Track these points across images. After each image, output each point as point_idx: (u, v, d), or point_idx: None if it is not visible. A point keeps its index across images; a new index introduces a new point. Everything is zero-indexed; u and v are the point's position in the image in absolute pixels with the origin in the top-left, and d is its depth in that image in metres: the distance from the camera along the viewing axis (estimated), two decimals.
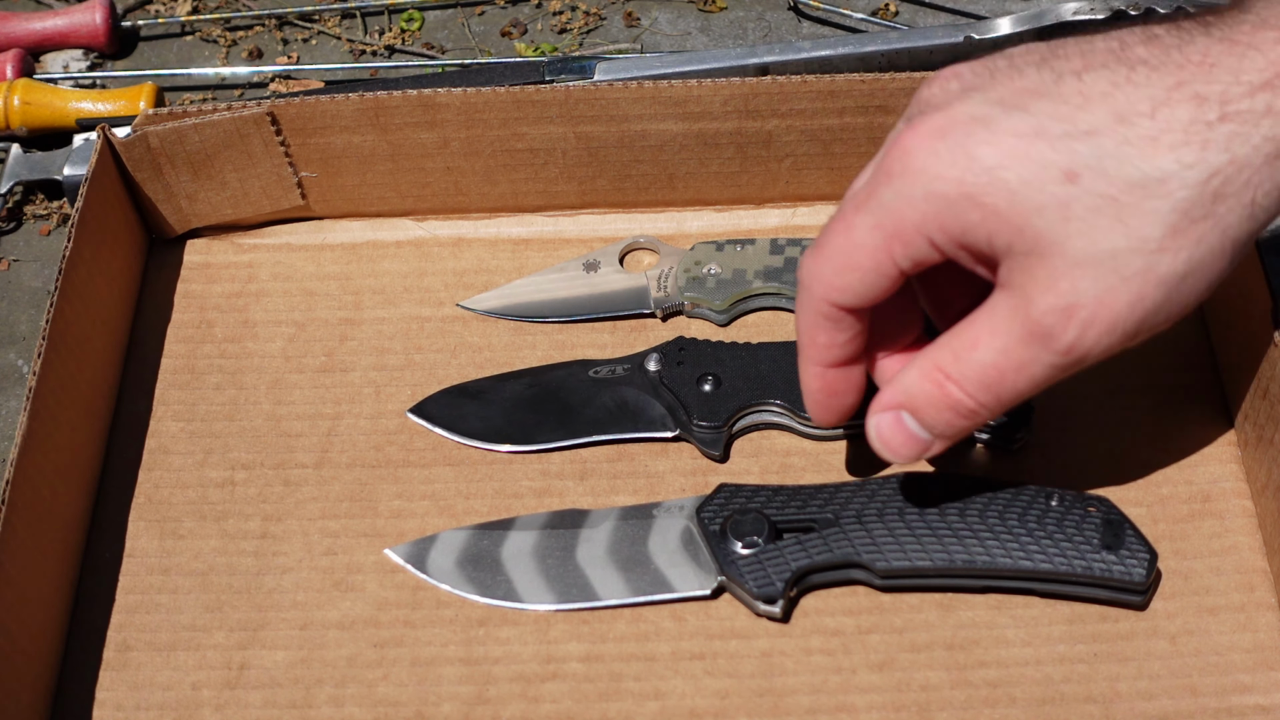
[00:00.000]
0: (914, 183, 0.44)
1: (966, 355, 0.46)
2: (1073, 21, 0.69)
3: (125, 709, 0.53)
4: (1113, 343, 0.44)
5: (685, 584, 0.54)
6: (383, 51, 0.79)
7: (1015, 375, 0.45)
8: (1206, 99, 0.41)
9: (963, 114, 0.44)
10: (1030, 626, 0.53)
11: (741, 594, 0.54)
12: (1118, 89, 0.42)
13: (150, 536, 0.58)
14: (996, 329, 0.45)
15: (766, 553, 0.53)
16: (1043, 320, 0.44)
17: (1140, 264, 0.43)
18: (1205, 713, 0.51)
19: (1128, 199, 0.42)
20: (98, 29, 0.78)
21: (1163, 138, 0.42)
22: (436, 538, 0.57)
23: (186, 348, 0.64)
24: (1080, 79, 0.43)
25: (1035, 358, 0.45)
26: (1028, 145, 0.42)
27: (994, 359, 0.45)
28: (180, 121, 0.62)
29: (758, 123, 0.62)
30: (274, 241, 0.67)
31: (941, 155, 0.43)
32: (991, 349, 0.45)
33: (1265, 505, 0.55)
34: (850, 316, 0.48)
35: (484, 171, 0.65)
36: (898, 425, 0.49)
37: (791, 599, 0.54)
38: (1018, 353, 0.45)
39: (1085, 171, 0.42)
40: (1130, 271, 0.43)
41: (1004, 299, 0.45)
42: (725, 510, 0.54)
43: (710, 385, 0.59)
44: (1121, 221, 0.42)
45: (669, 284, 0.63)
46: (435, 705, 0.53)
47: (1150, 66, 0.42)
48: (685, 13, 0.80)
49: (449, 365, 0.62)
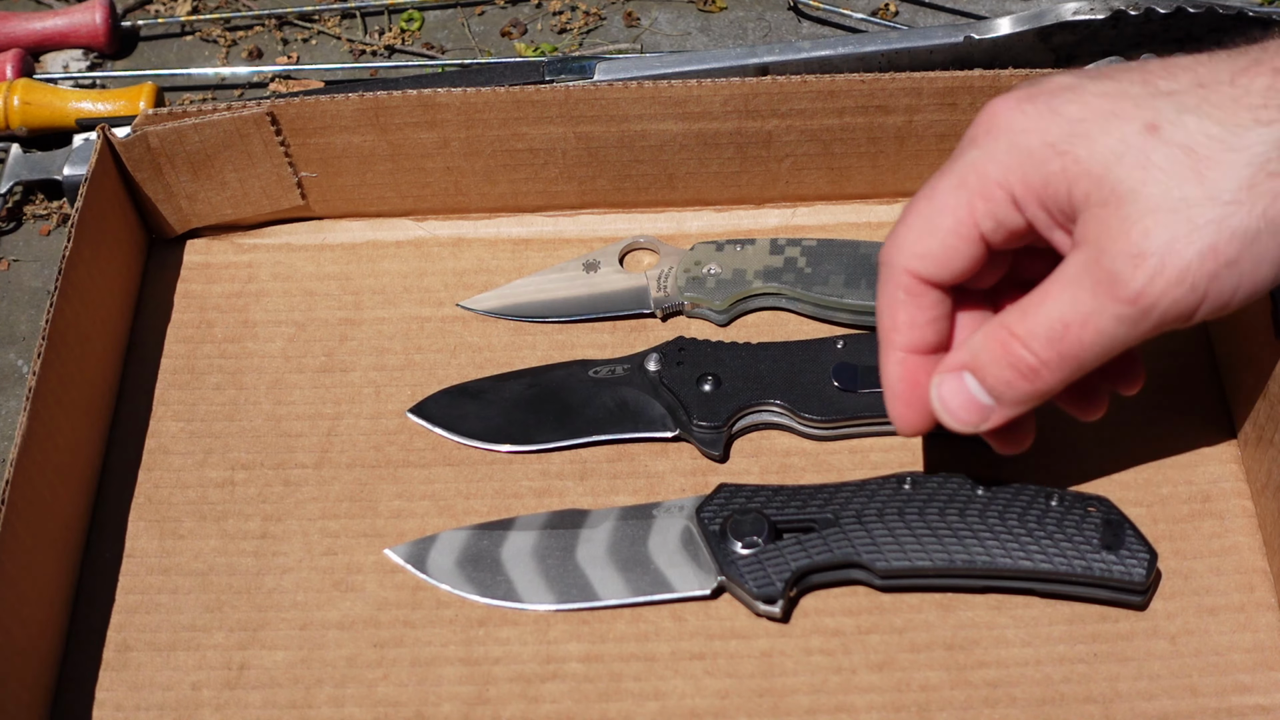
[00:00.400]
0: (999, 139, 0.45)
1: (1034, 310, 0.46)
2: (1073, 21, 0.69)
3: (125, 709, 0.53)
4: (1182, 295, 0.44)
5: (685, 584, 0.54)
6: (383, 51, 0.79)
7: (1081, 329, 0.45)
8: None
9: (1051, 84, 0.46)
10: (1030, 626, 0.53)
11: (741, 594, 0.54)
12: (1199, 64, 0.45)
13: (150, 536, 0.58)
14: (1067, 282, 0.45)
15: (766, 553, 0.53)
16: (1112, 267, 0.44)
17: (1214, 214, 0.43)
18: (1205, 713, 0.51)
19: (1205, 151, 0.43)
20: (98, 29, 0.78)
21: (1242, 99, 0.43)
22: (436, 538, 0.57)
23: (186, 348, 0.64)
24: (1164, 64, 0.45)
25: (1102, 308, 0.44)
26: (1112, 103, 0.44)
27: (1061, 312, 0.45)
28: (180, 121, 0.62)
29: (758, 123, 0.62)
30: (274, 241, 0.67)
31: (1028, 113, 0.45)
32: (1060, 302, 0.45)
33: (1265, 505, 0.55)
34: (934, 291, 0.48)
35: (484, 171, 0.65)
36: (959, 388, 0.48)
37: (791, 599, 0.54)
38: (1085, 303, 0.45)
39: (1165, 125, 0.43)
40: (1203, 220, 0.43)
41: (1077, 255, 0.45)
42: (725, 510, 0.54)
43: (710, 385, 0.59)
44: (1197, 172, 0.43)
45: (669, 284, 0.63)
46: (435, 705, 0.53)
47: (1228, 53, 0.45)
48: (685, 13, 0.80)
49: (449, 365, 0.62)
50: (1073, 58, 0.70)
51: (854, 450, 0.58)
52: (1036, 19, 0.69)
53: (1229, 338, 0.58)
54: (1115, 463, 0.57)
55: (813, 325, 0.63)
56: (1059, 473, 0.57)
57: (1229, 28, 0.68)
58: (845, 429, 0.58)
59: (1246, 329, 0.56)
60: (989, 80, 0.61)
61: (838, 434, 0.58)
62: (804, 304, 0.62)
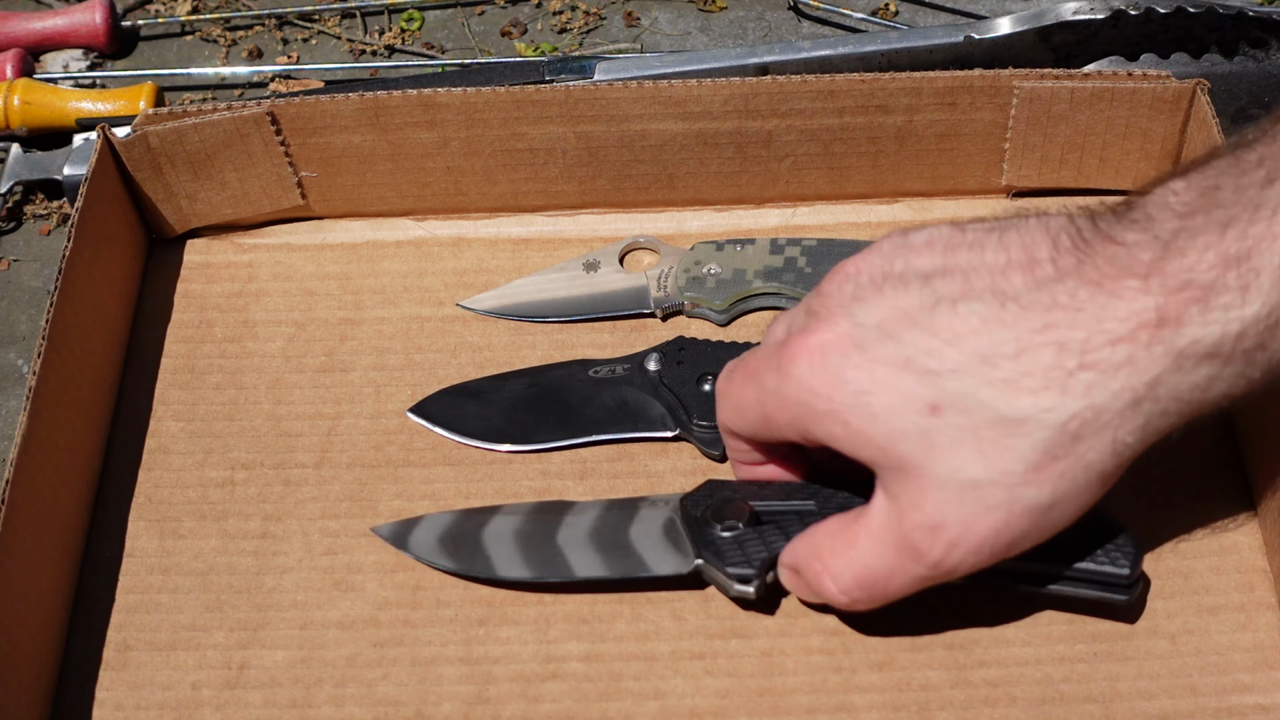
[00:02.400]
0: (792, 387, 0.47)
1: (844, 552, 0.48)
2: (1073, 21, 0.69)
3: (125, 709, 0.53)
4: (981, 561, 0.46)
5: (662, 565, 0.54)
6: (383, 51, 0.79)
7: (887, 580, 0.48)
8: (1067, 346, 0.43)
9: (842, 333, 0.46)
10: (1030, 626, 0.53)
11: (718, 576, 0.53)
12: (986, 327, 0.44)
13: (150, 536, 0.58)
14: (873, 533, 0.47)
15: (745, 536, 0.53)
16: (911, 535, 0.46)
17: (1003, 495, 0.44)
18: (1205, 712, 0.51)
19: (988, 434, 0.44)
20: (98, 29, 0.78)
21: (1023, 381, 0.43)
22: (422, 518, 0.57)
23: (186, 348, 0.64)
24: (954, 309, 0.44)
25: (905, 568, 0.47)
26: (895, 375, 0.44)
27: (869, 563, 0.48)
28: (180, 121, 0.62)
29: (758, 123, 0.62)
30: (274, 241, 0.67)
31: (817, 372, 0.46)
32: (868, 554, 0.48)
33: (1265, 505, 0.55)
34: (742, 440, 0.53)
35: (484, 171, 0.65)
36: (795, 580, 0.51)
37: (769, 584, 0.53)
38: (889, 560, 0.47)
39: (948, 407, 0.44)
40: (994, 501, 0.44)
41: (881, 507, 0.47)
42: (709, 500, 0.54)
43: (710, 385, 0.59)
44: (983, 455, 0.44)
45: (669, 284, 0.63)
46: (435, 705, 0.53)
47: (1021, 305, 0.43)
48: (685, 13, 0.80)
49: (449, 365, 0.62)
50: (1072, 57, 0.70)
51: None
52: (1036, 19, 0.69)
53: None
54: None
55: None
56: None
57: (1229, 28, 0.68)
58: None
59: None
60: (989, 80, 0.61)
61: None
62: None
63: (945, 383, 0.44)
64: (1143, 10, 0.68)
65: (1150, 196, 0.43)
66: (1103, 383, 0.42)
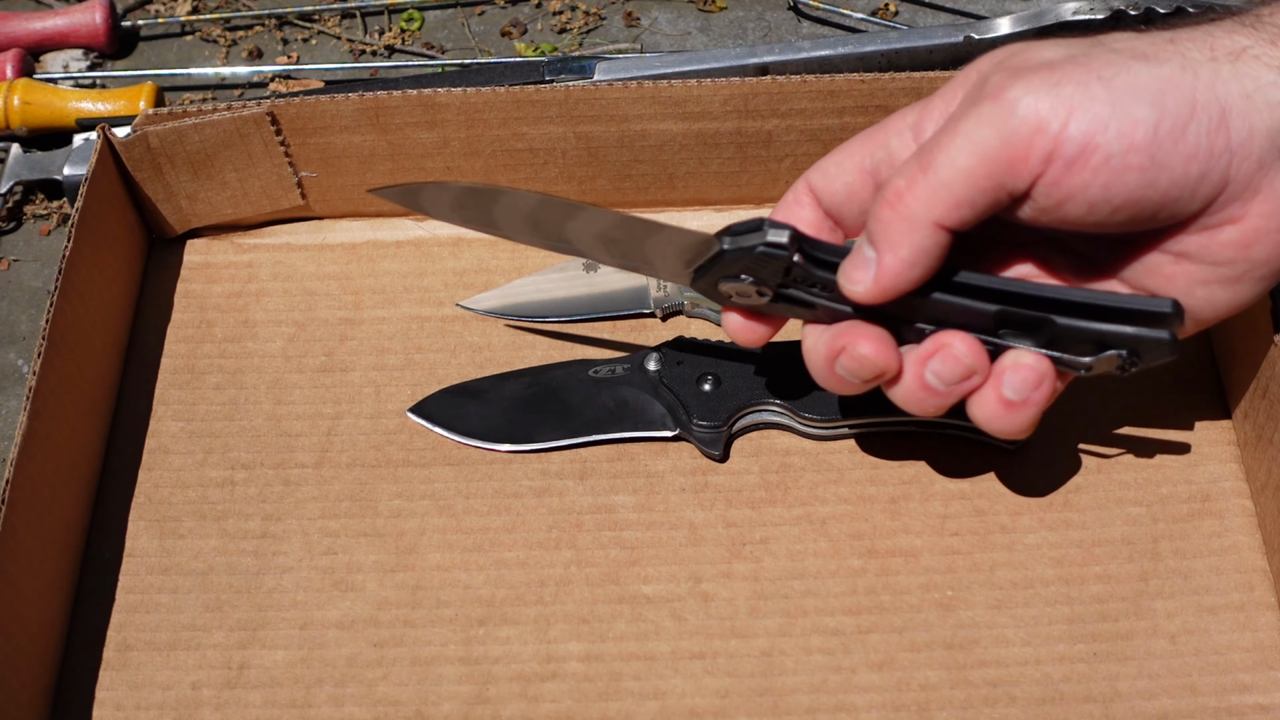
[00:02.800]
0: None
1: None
2: (1073, 21, 0.69)
3: (125, 709, 0.53)
4: (1048, 107, 0.44)
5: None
6: (383, 51, 0.79)
7: (947, 141, 0.45)
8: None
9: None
10: (1030, 626, 0.53)
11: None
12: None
13: (150, 536, 0.58)
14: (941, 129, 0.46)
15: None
16: (983, 88, 0.45)
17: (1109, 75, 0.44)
18: (1205, 712, 0.51)
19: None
20: (98, 29, 0.78)
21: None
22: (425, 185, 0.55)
23: (186, 348, 0.64)
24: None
25: (964, 112, 0.45)
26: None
27: (931, 142, 0.46)
28: (180, 121, 0.62)
29: (758, 123, 0.62)
30: (274, 241, 0.67)
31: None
32: (933, 139, 0.46)
33: (1265, 505, 0.55)
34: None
35: (484, 171, 0.65)
36: (855, 255, 0.48)
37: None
38: (953, 122, 0.45)
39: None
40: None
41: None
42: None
43: (710, 385, 0.59)
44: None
45: (669, 284, 0.63)
46: (435, 705, 0.53)
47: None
48: (685, 13, 0.80)
49: (449, 365, 0.62)
50: None
51: (854, 450, 0.59)
52: (1036, 19, 0.69)
53: (1229, 338, 0.58)
54: (1115, 462, 0.57)
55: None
56: (1058, 473, 0.57)
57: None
58: (845, 429, 0.58)
59: (1247, 329, 0.56)
60: None
61: (838, 434, 0.59)
62: None
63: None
64: (1143, 10, 0.68)
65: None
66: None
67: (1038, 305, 0.48)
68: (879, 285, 0.47)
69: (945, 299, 0.48)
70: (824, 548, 0.56)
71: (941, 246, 0.46)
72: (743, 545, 0.56)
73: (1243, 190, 0.44)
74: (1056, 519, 0.56)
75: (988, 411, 0.49)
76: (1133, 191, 0.44)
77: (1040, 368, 0.48)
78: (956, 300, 0.48)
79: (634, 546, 0.56)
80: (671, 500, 0.58)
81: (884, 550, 0.56)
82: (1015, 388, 0.48)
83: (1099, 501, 0.56)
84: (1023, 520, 0.56)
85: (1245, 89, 0.43)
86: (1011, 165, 0.44)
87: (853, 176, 0.50)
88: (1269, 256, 0.45)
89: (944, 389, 0.49)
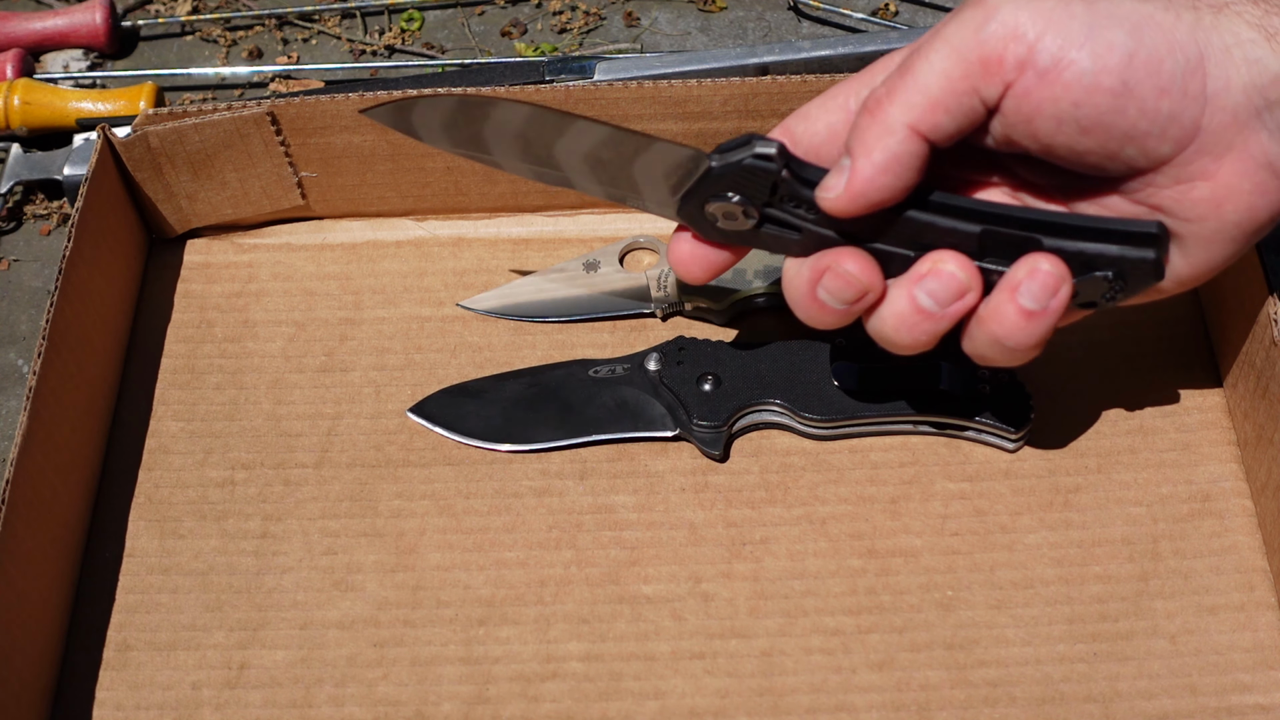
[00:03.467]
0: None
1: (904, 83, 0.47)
2: None
3: (125, 709, 0.53)
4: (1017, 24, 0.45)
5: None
6: (383, 51, 0.79)
7: (918, 58, 0.46)
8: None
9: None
10: (1030, 626, 0.53)
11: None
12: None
13: (150, 536, 0.58)
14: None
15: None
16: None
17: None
18: (1205, 712, 0.51)
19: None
20: (98, 29, 0.78)
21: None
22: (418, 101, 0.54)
23: (186, 348, 0.64)
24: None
25: (935, 32, 0.46)
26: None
27: (903, 59, 0.47)
28: (180, 121, 0.62)
29: (758, 123, 0.62)
30: (274, 241, 0.67)
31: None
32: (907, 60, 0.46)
33: (1265, 505, 0.55)
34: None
35: (484, 171, 0.65)
36: (835, 171, 0.48)
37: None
38: (924, 42, 0.46)
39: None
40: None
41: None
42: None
43: (710, 385, 0.59)
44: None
45: (669, 284, 0.63)
46: (435, 705, 0.53)
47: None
48: (685, 13, 0.80)
49: (449, 365, 0.62)
50: None
51: (854, 450, 0.59)
52: None
53: (1229, 338, 0.58)
54: (1115, 462, 0.57)
55: None
56: (1058, 472, 0.57)
57: None
58: (845, 429, 0.58)
59: (1247, 330, 0.56)
60: None
61: (838, 434, 0.59)
62: None
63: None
64: None
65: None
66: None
67: (1023, 225, 0.47)
68: (850, 191, 0.47)
69: (928, 219, 0.48)
70: (824, 548, 0.56)
71: (916, 156, 0.46)
72: (743, 545, 0.56)
73: (1215, 144, 0.44)
74: (1056, 519, 0.56)
75: (1006, 326, 0.48)
76: (1102, 114, 0.44)
77: (1058, 272, 0.47)
78: (940, 220, 0.48)
79: (634, 546, 0.56)
80: (671, 500, 0.58)
81: (884, 550, 0.56)
82: (1034, 295, 0.47)
83: (1099, 501, 0.56)
84: (1023, 520, 0.56)
85: (1225, 42, 0.44)
86: (986, 67, 0.45)
87: (836, 116, 0.50)
88: (1241, 218, 0.46)
89: (938, 310, 0.48)
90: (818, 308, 0.50)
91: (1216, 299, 0.59)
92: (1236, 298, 0.57)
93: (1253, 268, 0.55)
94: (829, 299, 0.49)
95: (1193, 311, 0.61)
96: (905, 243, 0.49)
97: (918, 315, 0.48)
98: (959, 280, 0.48)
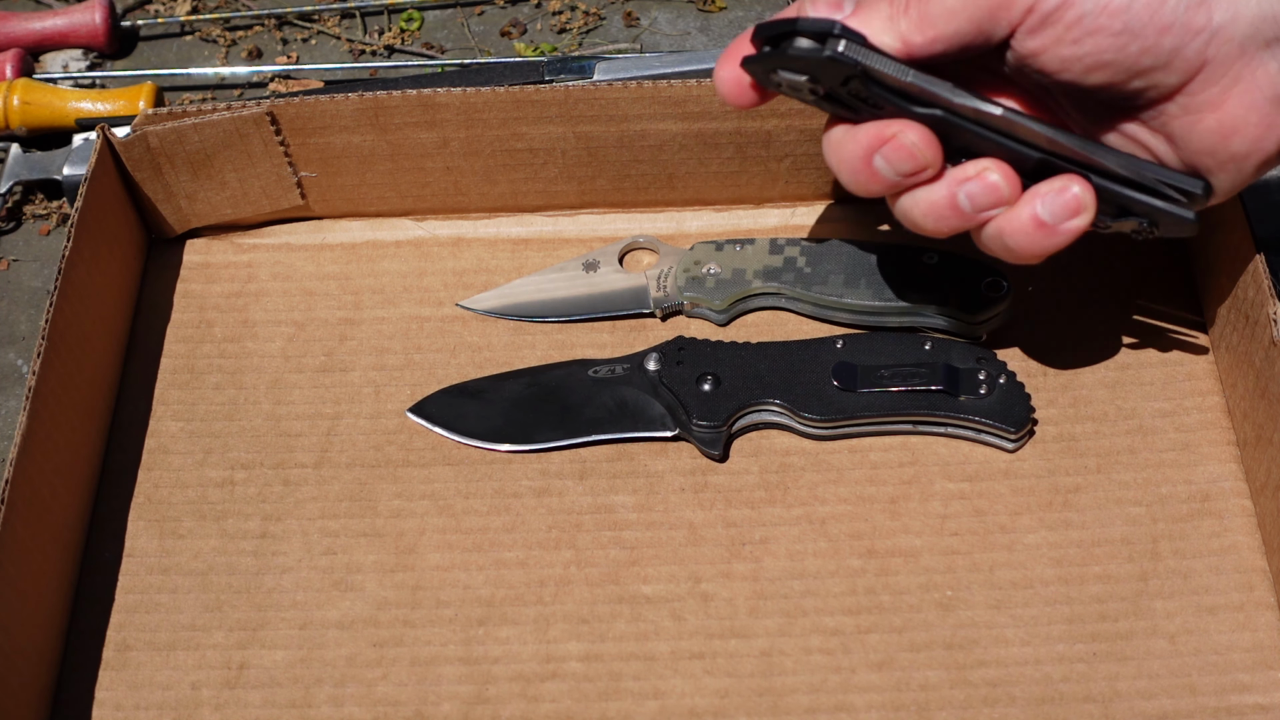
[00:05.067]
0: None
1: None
2: None
3: (125, 709, 0.53)
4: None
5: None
6: (382, 51, 0.79)
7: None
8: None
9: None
10: (1030, 626, 0.53)
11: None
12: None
13: (150, 536, 0.58)
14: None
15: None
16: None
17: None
18: (1205, 712, 0.51)
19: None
20: (97, 29, 0.78)
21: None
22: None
23: (186, 348, 0.64)
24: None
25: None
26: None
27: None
28: (180, 121, 0.62)
29: (757, 123, 0.62)
30: (274, 241, 0.67)
31: None
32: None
33: (1265, 505, 0.55)
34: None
35: (484, 171, 0.65)
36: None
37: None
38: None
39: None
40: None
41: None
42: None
43: (710, 385, 0.59)
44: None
45: (668, 284, 0.63)
46: (435, 705, 0.53)
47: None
48: (685, 13, 0.80)
49: (449, 365, 0.62)
50: None
51: (854, 450, 0.59)
52: None
53: (1229, 338, 0.58)
54: (1115, 461, 0.57)
55: (812, 325, 0.63)
56: (1058, 472, 0.57)
57: None
58: (845, 428, 0.58)
59: (1247, 330, 0.56)
60: None
61: (837, 433, 0.59)
62: (803, 304, 0.62)
63: None
64: None
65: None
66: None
67: (1081, 164, 0.49)
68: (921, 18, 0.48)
69: (992, 137, 0.49)
70: (824, 548, 0.56)
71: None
72: (742, 545, 0.56)
73: (1223, 74, 0.45)
74: (1056, 519, 0.56)
75: (1014, 225, 0.49)
76: (1104, 53, 0.45)
77: (1085, 199, 0.48)
78: (1003, 141, 0.49)
79: (634, 546, 0.56)
80: (671, 500, 0.58)
81: (884, 550, 0.56)
82: (1054, 211, 0.48)
83: (1099, 501, 0.56)
84: (1022, 520, 0.56)
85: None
86: (993, 12, 0.46)
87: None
88: (1248, 150, 0.47)
89: (971, 212, 0.49)
90: (868, 175, 0.50)
91: (1217, 298, 0.59)
92: (1236, 298, 0.57)
93: (1253, 267, 0.55)
94: (884, 168, 0.50)
95: (1193, 311, 0.61)
96: (963, 150, 0.50)
97: (950, 210, 0.49)
98: (1001, 193, 0.49)
